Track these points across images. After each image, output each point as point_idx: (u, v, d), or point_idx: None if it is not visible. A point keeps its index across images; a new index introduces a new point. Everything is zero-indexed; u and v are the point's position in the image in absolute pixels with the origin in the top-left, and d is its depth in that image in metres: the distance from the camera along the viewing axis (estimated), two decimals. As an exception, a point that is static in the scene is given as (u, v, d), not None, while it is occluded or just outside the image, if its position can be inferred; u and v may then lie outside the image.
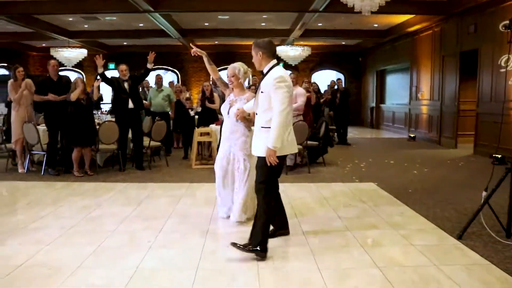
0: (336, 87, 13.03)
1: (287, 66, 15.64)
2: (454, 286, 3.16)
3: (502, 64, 9.38)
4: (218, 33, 15.18)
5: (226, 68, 5.07)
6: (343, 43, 18.42)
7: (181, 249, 3.93)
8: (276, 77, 3.54)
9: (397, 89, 16.58)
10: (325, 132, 8.61)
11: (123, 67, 7.65)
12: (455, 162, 9.22)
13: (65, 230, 4.41)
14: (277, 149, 3.51)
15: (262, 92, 3.66)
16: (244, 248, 3.65)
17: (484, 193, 4.31)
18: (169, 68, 19.57)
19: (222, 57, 16.90)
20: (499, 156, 8.98)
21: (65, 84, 7.46)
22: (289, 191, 6.13)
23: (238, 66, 4.60)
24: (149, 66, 7.57)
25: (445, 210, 5.25)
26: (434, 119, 12.59)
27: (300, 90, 8.30)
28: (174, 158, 9.29)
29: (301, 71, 19.53)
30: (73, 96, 7.07)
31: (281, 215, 4.20)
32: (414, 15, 12.46)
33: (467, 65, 10.98)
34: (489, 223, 4.30)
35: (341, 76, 19.32)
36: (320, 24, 13.91)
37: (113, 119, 8.04)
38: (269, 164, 3.55)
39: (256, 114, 3.83)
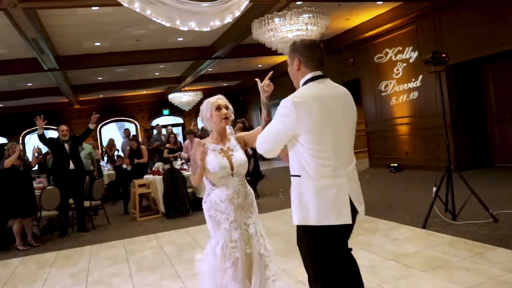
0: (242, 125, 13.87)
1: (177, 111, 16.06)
2: (454, 257, 4.05)
3: (383, 89, 11.21)
4: (109, 86, 15.17)
5: (111, 122, 4.53)
6: (225, 84, 19.60)
7: None
8: (285, 99, 2.36)
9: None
10: (254, 167, 9.31)
11: (63, 127, 7.48)
12: (361, 176, 10.60)
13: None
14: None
15: None
16: None
17: (434, 189, 5.42)
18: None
19: (108, 110, 16.86)
20: (396, 164, 10.73)
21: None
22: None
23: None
24: (91, 126, 7.53)
25: (396, 212, 6.29)
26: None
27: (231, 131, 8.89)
28: (113, 215, 9.03)
29: (186, 115, 20.20)
30: (7, 163, 6.70)
31: None
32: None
33: (351, 92, 12.72)
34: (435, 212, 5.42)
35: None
36: (211, 69, 14.82)
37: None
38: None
39: None
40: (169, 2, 4.01)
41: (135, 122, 19.74)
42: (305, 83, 2.45)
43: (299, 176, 2.35)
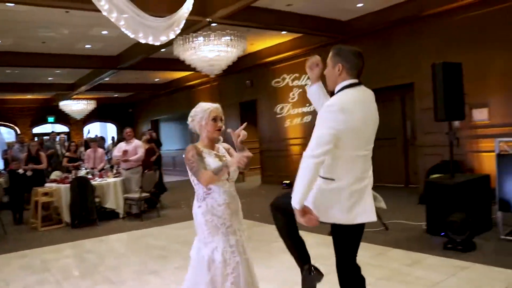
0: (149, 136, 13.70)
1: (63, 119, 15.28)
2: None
3: (278, 111, 12.16)
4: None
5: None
6: (116, 95, 19.18)
7: None
8: (330, 103, 2.49)
9: (174, 136, 18.32)
10: (159, 179, 9.46)
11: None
12: (257, 191, 11.35)
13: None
14: (296, 210, 2.44)
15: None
16: None
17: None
18: None
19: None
20: (288, 181, 11.63)
21: None
22: (172, 233, 6.86)
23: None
24: None
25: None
26: (221, 158, 14.70)
27: (138, 142, 8.92)
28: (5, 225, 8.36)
29: (73, 124, 19.29)
30: None
31: None
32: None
33: (247, 112, 13.53)
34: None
35: (114, 127, 19.90)
36: (107, 79, 14.52)
37: None
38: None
39: None
40: (131, 13, 4.20)
41: (16, 127, 18.18)
42: (343, 88, 2.55)
43: (330, 179, 2.51)
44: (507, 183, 5.30)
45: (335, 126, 2.39)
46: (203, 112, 2.91)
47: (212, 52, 7.19)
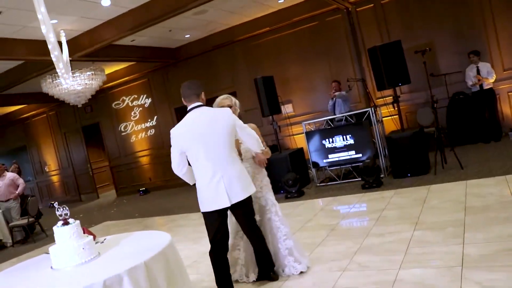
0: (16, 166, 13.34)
1: None
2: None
3: (122, 129, 13.64)
4: None
5: None
6: None
7: None
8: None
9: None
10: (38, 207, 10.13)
11: None
12: (118, 202, 12.69)
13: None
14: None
15: None
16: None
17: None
18: None
19: None
20: (144, 188, 13.26)
21: None
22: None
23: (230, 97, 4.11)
24: None
25: (181, 209, 8.90)
26: (69, 183, 15.36)
27: (11, 174, 9.44)
28: None
29: None
30: None
31: None
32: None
33: (90, 135, 14.57)
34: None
35: None
36: None
37: None
38: None
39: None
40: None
41: None
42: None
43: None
44: (313, 150, 8.17)
45: (173, 144, 3.56)
46: (216, 106, 3.93)
47: (80, 85, 8.54)
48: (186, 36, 10.80)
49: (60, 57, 5.39)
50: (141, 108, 13.21)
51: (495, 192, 5.07)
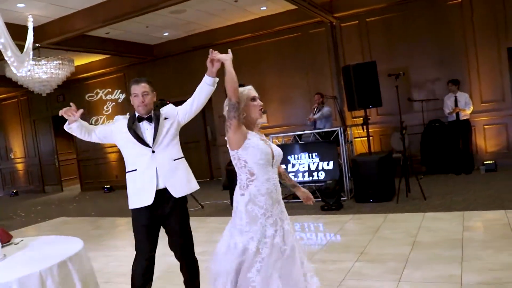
0: None
1: None
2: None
3: (93, 123, 13.23)
4: None
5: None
6: None
7: None
8: None
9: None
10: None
11: None
12: (80, 197, 12.30)
13: None
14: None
15: None
16: None
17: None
18: None
19: None
20: (109, 186, 12.89)
21: None
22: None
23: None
24: None
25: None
26: (34, 172, 14.87)
27: None
28: None
29: None
30: None
31: None
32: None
33: (61, 124, 14.06)
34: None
35: None
36: None
37: None
38: None
39: None
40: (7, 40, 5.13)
41: None
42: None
43: None
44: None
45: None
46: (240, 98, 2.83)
47: (46, 74, 8.20)
48: (164, 34, 10.51)
49: (9, 44, 5.05)
50: (114, 103, 12.85)
51: (447, 228, 4.87)
